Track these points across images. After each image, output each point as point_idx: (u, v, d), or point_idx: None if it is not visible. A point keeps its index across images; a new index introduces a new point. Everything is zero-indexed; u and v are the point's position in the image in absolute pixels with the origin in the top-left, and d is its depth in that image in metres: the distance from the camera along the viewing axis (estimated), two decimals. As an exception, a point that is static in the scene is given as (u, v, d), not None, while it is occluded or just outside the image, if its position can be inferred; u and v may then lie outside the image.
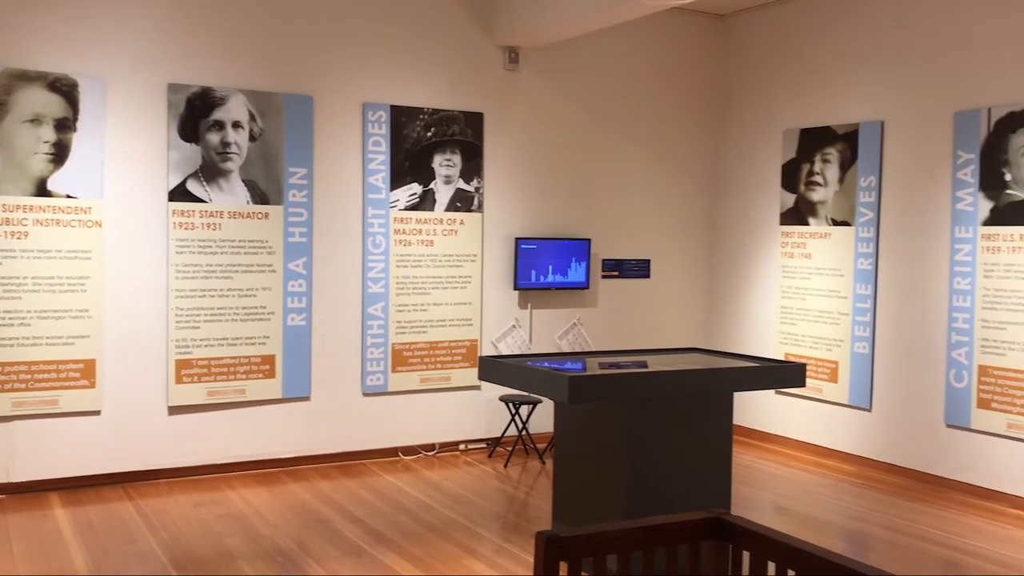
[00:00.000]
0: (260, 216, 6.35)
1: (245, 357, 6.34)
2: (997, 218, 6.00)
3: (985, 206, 6.06)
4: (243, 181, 6.29)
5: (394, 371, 6.84)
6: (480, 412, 7.18)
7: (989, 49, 6.06)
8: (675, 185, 8.04)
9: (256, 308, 6.35)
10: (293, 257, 6.47)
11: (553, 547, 2.42)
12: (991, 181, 6.03)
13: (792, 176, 7.44)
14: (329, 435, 6.67)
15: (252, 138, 6.31)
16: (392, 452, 6.90)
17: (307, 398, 6.58)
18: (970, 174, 6.15)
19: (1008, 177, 5.94)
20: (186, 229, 6.13)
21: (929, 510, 5.84)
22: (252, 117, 6.30)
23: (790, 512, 5.84)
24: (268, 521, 5.36)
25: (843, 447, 7.03)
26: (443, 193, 6.97)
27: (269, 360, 6.41)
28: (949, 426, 6.29)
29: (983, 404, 6.07)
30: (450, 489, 6.13)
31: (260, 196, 6.35)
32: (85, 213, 5.85)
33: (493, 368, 4.79)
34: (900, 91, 6.64)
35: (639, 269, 7.89)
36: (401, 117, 6.80)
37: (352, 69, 6.67)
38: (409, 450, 6.95)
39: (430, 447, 7.03)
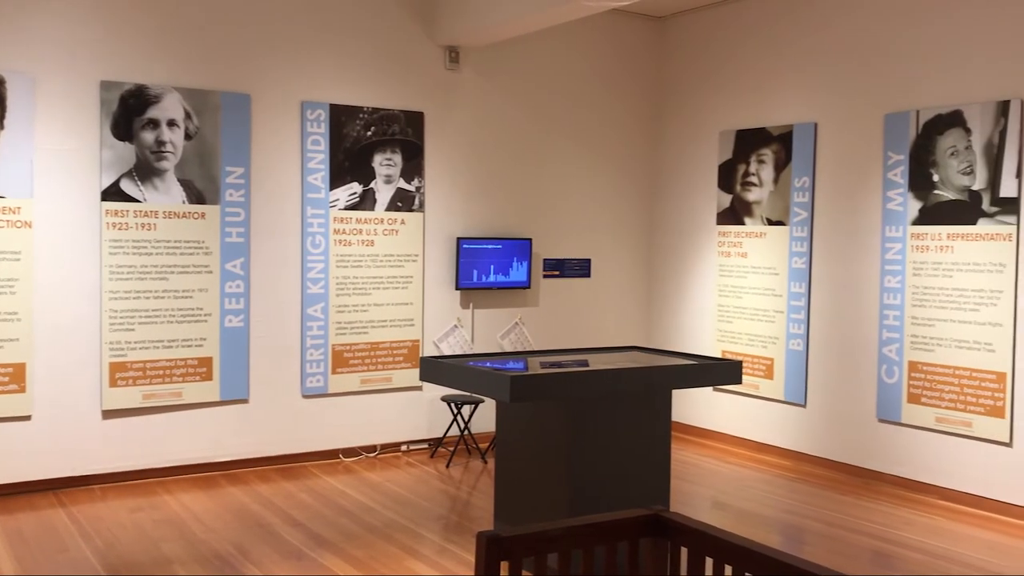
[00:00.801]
0: (196, 216, 6.25)
1: (181, 359, 6.23)
2: (925, 218, 6.17)
3: (914, 206, 6.24)
4: (179, 180, 6.19)
5: (334, 372, 6.79)
6: (422, 412, 7.17)
7: (917, 53, 6.23)
8: (615, 185, 8.11)
9: (193, 310, 6.25)
10: (230, 257, 6.38)
11: (494, 547, 2.43)
12: (920, 181, 6.20)
13: (728, 176, 7.56)
14: (268, 438, 6.59)
15: (188, 136, 6.21)
16: (333, 454, 6.84)
17: (245, 400, 6.50)
18: (900, 175, 6.31)
19: (936, 178, 6.12)
20: (120, 229, 6.01)
21: (862, 503, 5.99)
22: (188, 115, 6.20)
23: (728, 507, 5.94)
24: (206, 525, 5.28)
25: (779, 442, 7.17)
26: (383, 193, 6.94)
27: (206, 362, 6.32)
28: (881, 421, 6.46)
29: (913, 399, 6.24)
30: (391, 490, 6.11)
31: (196, 196, 6.25)
32: (14, 213, 5.69)
33: (434, 368, 4.78)
34: (832, 93, 6.79)
35: (580, 269, 7.95)
36: (340, 116, 6.75)
37: (290, 67, 6.60)
38: (350, 452, 6.91)
39: (371, 448, 6.99)
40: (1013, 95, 5.70)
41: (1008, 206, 5.73)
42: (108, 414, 6.04)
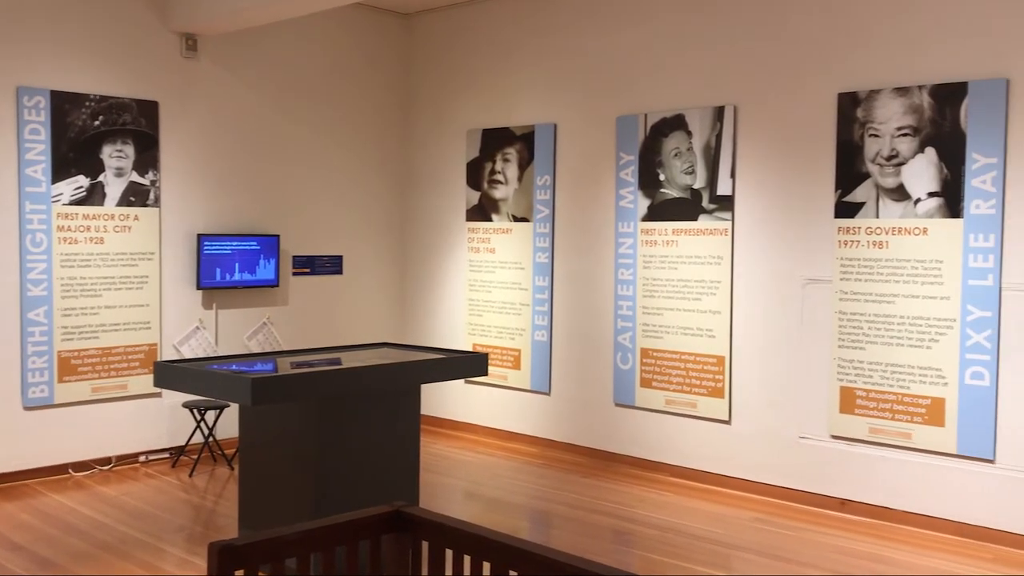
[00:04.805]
0: None
1: None
2: (653, 214, 6.62)
3: (643, 203, 6.66)
4: None
5: (61, 381, 6.28)
6: (162, 420, 6.79)
7: (644, 59, 6.66)
8: (366, 182, 8.06)
9: None
10: (-67, 258, 5.74)
11: (227, 556, 2.35)
12: (648, 180, 6.64)
13: (476, 174, 7.73)
14: (-16, 456, 5.99)
15: None
16: (61, 469, 6.33)
17: (-45, 416, 5.87)
18: (631, 174, 6.72)
19: (662, 177, 6.57)
20: None
21: (602, 484, 6.33)
22: None
23: (478, 497, 6.08)
24: (-93, 559, 4.73)
25: (527, 430, 7.43)
26: (114, 186, 6.49)
27: (-95, 376, 5.65)
28: (617, 405, 6.86)
29: (645, 383, 6.67)
30: (129, 504, 5.74)
31: None
32: None
33: (170, 373, 4.54)
34: (570, 95, 7.12)
35: (332, 266, 7.83)
36: (64, 104, 6.24)
37: (4, 49, 6.01)
38: (81, 465, 6.42)
39: (106, 461, 6.54)
40: (727, 101, 6.23)
41: (724, 203, 6.25)
42: None
